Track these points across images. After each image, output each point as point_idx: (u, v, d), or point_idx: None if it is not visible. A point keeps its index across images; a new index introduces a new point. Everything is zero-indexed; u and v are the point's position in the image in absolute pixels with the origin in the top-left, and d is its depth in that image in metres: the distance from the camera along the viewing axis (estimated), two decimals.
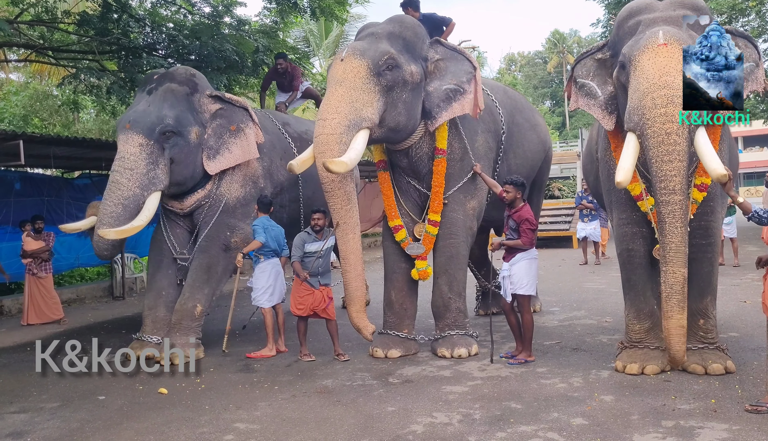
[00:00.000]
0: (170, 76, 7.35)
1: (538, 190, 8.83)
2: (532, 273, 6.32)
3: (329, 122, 5.90)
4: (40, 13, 10.79)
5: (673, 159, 4.87)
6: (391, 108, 6.20)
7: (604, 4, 20.96)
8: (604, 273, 12.28)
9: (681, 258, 4.96)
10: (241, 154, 7.26)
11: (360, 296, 6.37)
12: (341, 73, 6.02)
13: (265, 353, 6.94)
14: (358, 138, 5.98)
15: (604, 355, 6.26)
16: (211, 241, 7.24)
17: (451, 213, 6.69)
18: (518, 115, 7.73)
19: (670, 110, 4.86)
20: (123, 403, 5.53)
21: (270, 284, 7.02)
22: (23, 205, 10.83)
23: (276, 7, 11.09)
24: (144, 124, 6.79)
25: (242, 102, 7.52)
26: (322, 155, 5.87)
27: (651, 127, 4.93)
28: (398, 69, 6.15)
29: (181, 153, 6.96)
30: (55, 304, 9.55)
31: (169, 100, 7.05)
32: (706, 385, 5.18)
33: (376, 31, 6.40)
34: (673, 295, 4.95)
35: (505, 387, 5.47)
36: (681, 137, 4.86)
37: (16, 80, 24.14)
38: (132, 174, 6.64)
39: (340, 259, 6.37)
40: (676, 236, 4.93)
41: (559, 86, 56.11)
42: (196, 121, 7.16)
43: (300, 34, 25.08)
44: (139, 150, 6.70)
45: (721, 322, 5.87)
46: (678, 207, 4.91)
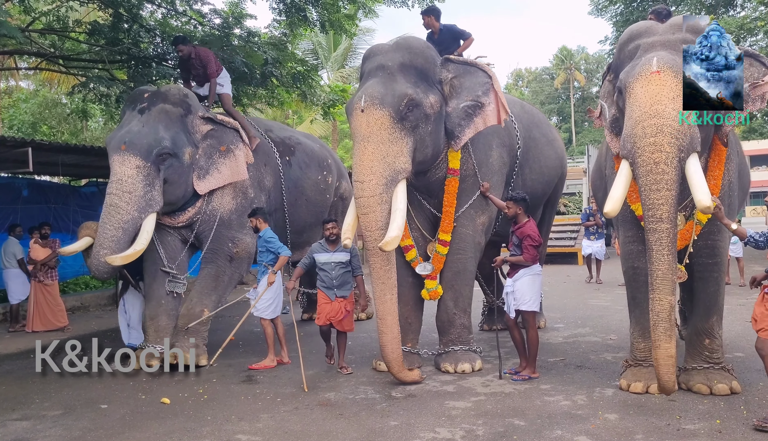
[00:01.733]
0: (163, 96, 7.26)
1: (551, 207, 8.81)
2: (535, 289, 6.31)
3: (367, 184, 5.83)
4: (51, 21, 10.89)
5: (660, 188, 4.85)
6: (420, 145, 6.15)
7: (613, 22, 21.07)
8: (608, 290, 12.24)
9: (668, 286, 4.91)
10: (230, 174, 7.32)
11: (398, 358, 6.02)
12: (365, 128, 5.90)
13: (266, 364, 6.95)
14: (398, 195, 5.96)
15: (608, 373, 6.23)
16: (216, 253, 7.32)
17: (460, 228, 6.67)
18: (535, 130, 7.71)
19: (659, 140, 4.83)
20: (125, 412, 5.52)
21: (276, 295, 7.04)
22: (30, 212, 10.90)
23: (286, 20, 11.17)
24: (141, 146, 6.78)
25: (233, 123, 7.55)
26: (365, 217, 5.87)
27: (641, 156, 4.92)
28: (419, 107, 6.06)
29: (175, 174, 7.01)
30: (60, 312, 9.57)
31: (164, 122, 7.05)
32: (711, 406, 5.14)
33: (386, 63, 6.21)
34: (660, 323, 4.89)
35: (509, 403, 5.44)
36: (669, 166, 4.84)
37: (26, 88, 24.31)
38: (131, 197, 6.67)
39: (378, 319, 5.99)
40: (663, 264, 4.89)
41: (566, 102, 56.20)
42: (189, 142, 7.20)
43: (308, 46, 25.20)
44: (136, 172, 6.72)
45: (726, 342, 5.84)
46: (665, 235, 4.87)
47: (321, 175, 8.89)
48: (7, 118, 20.72)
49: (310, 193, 8.69)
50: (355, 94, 6.22)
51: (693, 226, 5.45)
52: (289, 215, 8.31)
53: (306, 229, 8.68)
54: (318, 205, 8.82)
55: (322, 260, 6.67)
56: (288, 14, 10.94)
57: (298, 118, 29.35)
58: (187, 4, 10.61)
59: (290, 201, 8.28)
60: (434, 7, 7.50)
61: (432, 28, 7.29)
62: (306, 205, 8.60)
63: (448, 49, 7.04)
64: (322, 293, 6.69)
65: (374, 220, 5.83)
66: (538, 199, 7.89)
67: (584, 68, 57.26)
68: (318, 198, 8.85)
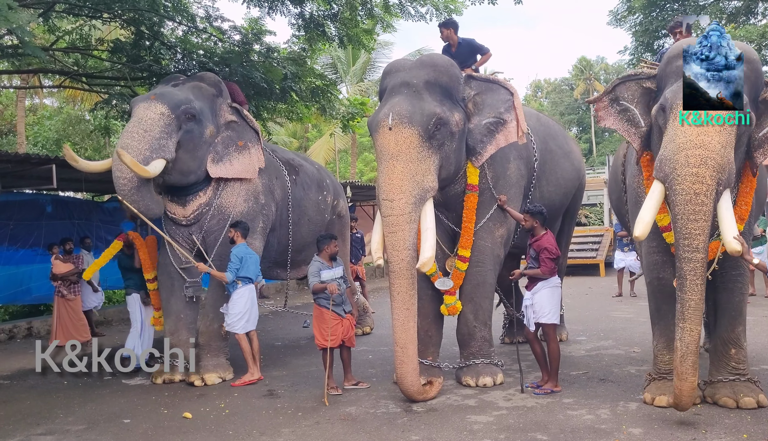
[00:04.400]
0: (199, 77, 7.58)
1: (570, 218, 8.76)
2: (554, 301, 6.27)
3: (397, 203, 5.79)
4: (75, 40, 11.05)
5: (698, 219, 4.83)
6: (445, 162, 6.15)
7: (632, 32, 20.98)
8: (632, 302, 12.12)
9: (698, 317, 4.90)
10: (242, 170, 7.33)
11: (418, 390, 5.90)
12: (394, 146, 5.87)
13: (248, 379, 6.89)
14: (428, 214, 5.95)
15: (632, 387, 6.15)
16: (224, 259, 7.19)
17: (479, 241, 6.63)
18: (551, 141, 7.69)
19: (702, 171, 4.82)
20: (148, 427, 5.55)
21: (246, 310, 6.96)
22: (54, 228, 11.02)
23: (305, 35, 11.24)
24: (170, 97, 6.88)
25: (256, 124, 7.63)
26: (393, 236, 5.81)
27: (680, 184, 4.88)
28: (446, 125, 6.05)
29: (192, 142, 6.98)
30: (83, 326, 9.63)
31: (195, 92, 7.20)
32: (737, 419, 5.06)
33: (411, 81, 6.17)
34: (689, 356, 4.85)
35: (531, 417, 5.40)
36: (708, 198, 4.83)
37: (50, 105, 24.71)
38: (145, 135, 6.56)
39: (396, 346, 5.77)
40: (696, 294, 4.86)
41: (586, 113, 55.91)
42: (213, 120, 7.27)
43: (327, 60, 25.36)
44: (159, 117, 6.69)
45: (752, 354, 5.76)
46: (700, 265, 4.86)
47: (321, 196, 8.99)
48: (31, 135, 21.04)
49: (312, 212, 8.74)
50: (379, 110, 6.17)
51: (719, 245, 5.39)
52: (292, 233, 8.33)
53: (305, 247, 8.63)
54: (318, 225, 8.87)
55: (329, 277, 6.53)
56: (307, 30, 11.02)
57: (318, 132, 29.51)
58: (208, 21, 10.70)
59: (294, 219, 8.32)
60: (453, 20, 7.50)
61: (450, 41, 7.30)
62: (308, 225, 8.64)
63: (465, 63, 7.04)
64: (330, 313, 6.43)
65: (402, 239, 5.77)
66: (556, 210, 7.85)
67: (604, 78, 56.93)
68: (318, 218, 8.92)
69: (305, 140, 30.19)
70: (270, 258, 8.11)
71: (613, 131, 6.21)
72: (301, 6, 10.72)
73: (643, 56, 21.86)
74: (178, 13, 9.95)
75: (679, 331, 4.91)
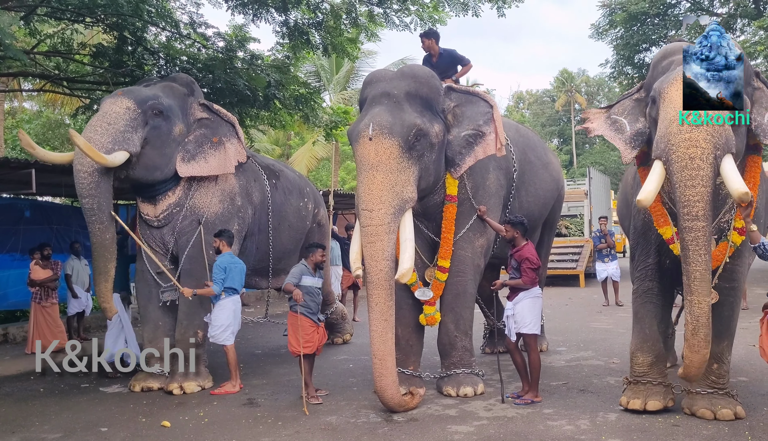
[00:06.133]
0: (172, 77, 7.61)
1: (549, 229, 8.81)
2: (535, 312, 6.31)
3: (376, 213, 5.78)
4: (56, 44, 10.97)
5: (696, 184, 4.79)
6: (424, 173, 6.16)
7: (613, 45, 21.25)
8: (611, 313, 12.20)
9: (706, 287, 4.82)
10: (217, 166, 7.22)
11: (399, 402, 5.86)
12: (374, 156, 5.86)
13: (228, 389, 6.84)
14: (406, 224, 5.95)
15: (611, 397, 6.19)
16: (195, 262, 7.12)
17: (459, 251, 6.65)
18: (530, 152, 7.73)
19: (694, 135, 4.82)
20: (125, 435, 5.48)
21: (230, 322, 6.92)
22: (32, 233, 10.91)
23: (289, 43, 11.24)
24: (138, 93, 6.84)
25: (231, 117, 7.52)
26: (371, 246, 5.79)
27: (675, 152, 4.88)
28: (426, 137, 6.07)
29: (159, 138, 6.88)
30: (60, 333, 9.53)
31: (166, 91, 7.16)
32: (715, 431, 5.11)
33: (392, 91, 6.19)
34: (700, 328, 4.78)
35: (512, 428, 5.41)
36: (705, 162, 4.79)
37: (30, 109, 24.44)
38: (109, 128, 6.48)
39: (375, 358, 5.72)
40: (701, 264, 4.80)
41: (567, 125, 56.39)
42: (183, 119, 7.20)
43: (311, 68, 25.34)
44: (124, 111, 6.62)
45: (730, 365, 5.81)
46: (701, 233, 4.79)
47: (302, 202, 8.89)
48: (10, 138, 20.82)
49: (293, 219, 8.63)
50: (359, 121, 6.17)
51: (727, 247, 5.42)
52: (273, 239, 8.21)
53: (285, 255, 8.53)
54: (298, 232, 8.79)
55: (310, 284, 6.53)
56: (291, 37, 11.02)
57: (300, 140, 29.45)
58: (192, 27, 10.66)
59: (274, 225, 8.21)
60: (434, 31, 7.55)
61: (431, 52, 7.33)
62: (288, 231, 8.53)
63: (445, 73, 7.07)
64: (306, 319, 6.44)
65: (381, 250, 5.76)
66: (536, 221, 7.90)
67: (585, 91, 57.54)
68: (299, 224, 8.81)
69: (288, 148, 30.12)
70: (248, 265, 8.02)
71: (594, 144, 6.31)
72: (286, 14, 10.72)
73: (623, 69, 22.16)
74: (161, 19, 9.91)
75: (688, 305, 4.88)
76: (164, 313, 7.23)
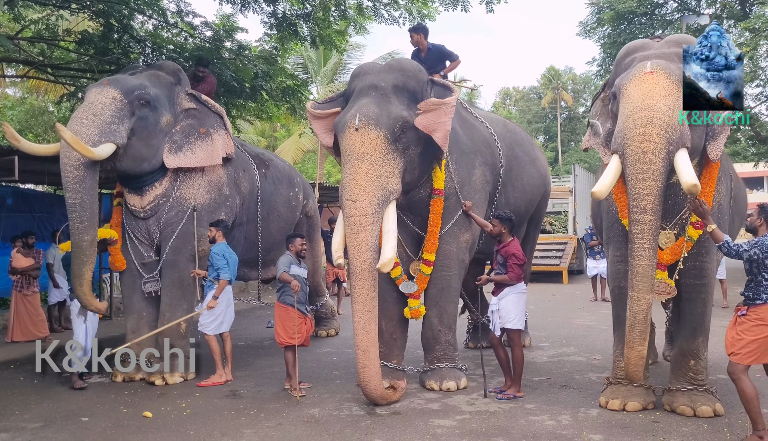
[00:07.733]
0: (158, 66, 7.56)
1: (535, 225, 8.85)
2: (520, 307, 6.34)
3: (360, 204, 5.77)
4: (41, 30, 10.83)
5: (647, 177, 4.89)
6: (409, 166, 6.16)
7: (600, 44, 21.32)
8: (594, 310, 12.29)
9: (647, 283, 4.93)
10: (204, 157, 7.19)
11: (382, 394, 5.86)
12: (360, 147, 5.85)
13: (215, 380, 6.82)
14: (390, 216, 5.95)
15: (593, 393, 6.23)
16: (179, 253, 7.09)
17: (444, 245, 6.66)
18: (517, 148, 7.75)
19: (648, 130, 4.91)
20: (106, 426, 5.45)
21: (221, 312, 6.92)
22: (14, 221, 10.78)
23: (277, 34, 11.18)
24: (124, 83, 6.73)
25: (218, 108, 7.48)
26: (355, 237, 5.77)
27: (629, 146, 4.98)
28: (412, 129, 6.07)
29: (146, 129, 6.81)
30: (41, 322, 9.47)
31: (152, 80, 7.07)
32: (694, 428, 5.16)
33: (379, 84, 6.20)
34: (637, 325, 4.95)
35: (494, 422, 5.44)
36: (657, 157, 4.89)
37: (13, 95, 24.14)
38: (95, 119, 6.38)
39: (358, 350, 5.70)
40: (644, 259, 4.91)
41: (553, 122, 56.58)
42: (170, 109, 7.13)
43: (299, 60, 25.22)
44: (110, 101, 6.53)
45: (710, 364, 5.86)
46: (648, 227, 4.90)
47: (293, 192, 8.87)
48: None
49: (282, 208, 8.61)
50: (346, 112, 6.15)
51: (684, 242, 5.49)
52: (261, 229, 8.19)
53: (275, 246, 8.48)
54: (288, 222, 8.77)
55: (298, 273, 6.55)
56: (279, 29, 10.96)
57: (287, 132, 29.33)
58: (179, 16, 10.57)
59: (263, 214, 8.18)
60: (423, 26, 7.53)
61: (420, 46, 7.33)
62: (277, 221, 8.51)
63: (433, 68, 7.07)
64: (294, 311, 6.45)
65: (364, 241, 5.76)
66: (522, 217, 7.92)
67: (571, 88, 57.69)
68: (289, 215, 8.80)
69: (274, 140, 30.00)
70: (236, 255, 8.01)
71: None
72: (274, 4, 10.66)
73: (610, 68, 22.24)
74: (148, 7, 9.82)
75: (629, 300, 4.98)
76: (148, 304, 7.20)
